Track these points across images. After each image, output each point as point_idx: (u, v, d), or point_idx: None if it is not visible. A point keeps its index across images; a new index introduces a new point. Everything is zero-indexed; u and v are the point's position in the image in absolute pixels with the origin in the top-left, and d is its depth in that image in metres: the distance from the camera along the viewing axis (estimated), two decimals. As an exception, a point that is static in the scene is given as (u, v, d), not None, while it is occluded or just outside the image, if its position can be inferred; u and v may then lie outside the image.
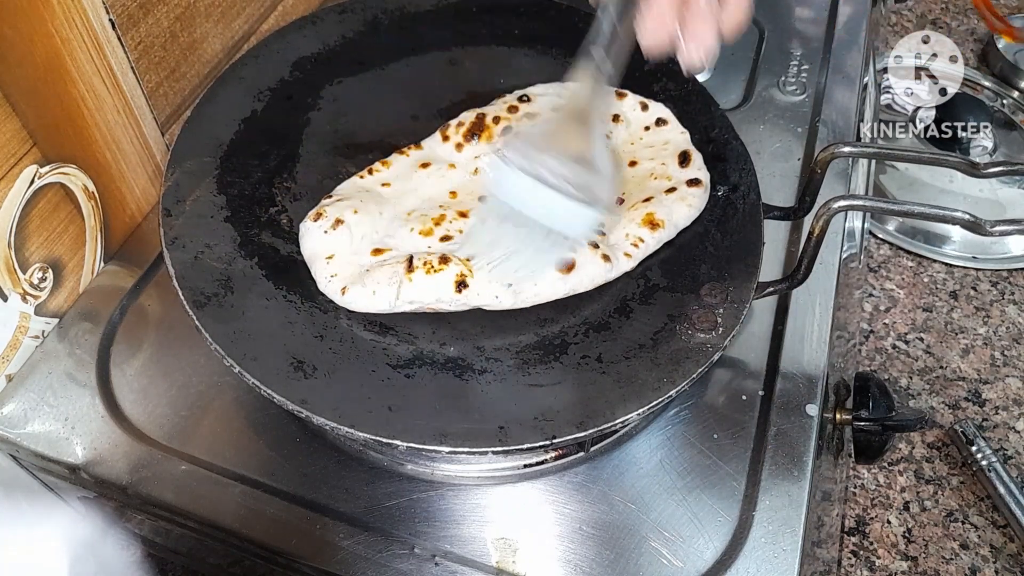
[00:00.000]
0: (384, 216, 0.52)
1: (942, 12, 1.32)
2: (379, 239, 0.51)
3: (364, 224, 0.51)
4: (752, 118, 0.72)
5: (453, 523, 0.49)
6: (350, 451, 0.51)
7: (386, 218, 0.52)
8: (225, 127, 0.56)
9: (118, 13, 0.55)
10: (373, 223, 0.51)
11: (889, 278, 0.98)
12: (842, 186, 0.67)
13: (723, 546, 0.48)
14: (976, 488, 0.81)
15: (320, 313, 0.48)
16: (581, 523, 0.49)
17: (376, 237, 0.51)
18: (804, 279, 0.50)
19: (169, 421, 0.52)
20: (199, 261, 0.49)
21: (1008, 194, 1.05)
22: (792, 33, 0.81)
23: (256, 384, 0.44)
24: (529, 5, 0.67)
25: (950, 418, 0.86)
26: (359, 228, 0.51)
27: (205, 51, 0.66)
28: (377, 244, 0.50)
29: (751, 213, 0.53)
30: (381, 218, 0.52)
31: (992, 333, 0.93)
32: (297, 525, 0.48)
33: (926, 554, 0.77)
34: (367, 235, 0.51)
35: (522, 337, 0.48)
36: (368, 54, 0.63)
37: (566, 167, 0.44)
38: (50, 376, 0.54)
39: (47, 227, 0.55)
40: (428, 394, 0.45)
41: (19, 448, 0.52)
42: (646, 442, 0.52)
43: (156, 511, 0.50)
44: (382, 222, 0.52)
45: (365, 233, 0.51)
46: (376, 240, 0.51)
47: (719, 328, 0.47)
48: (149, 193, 0.63)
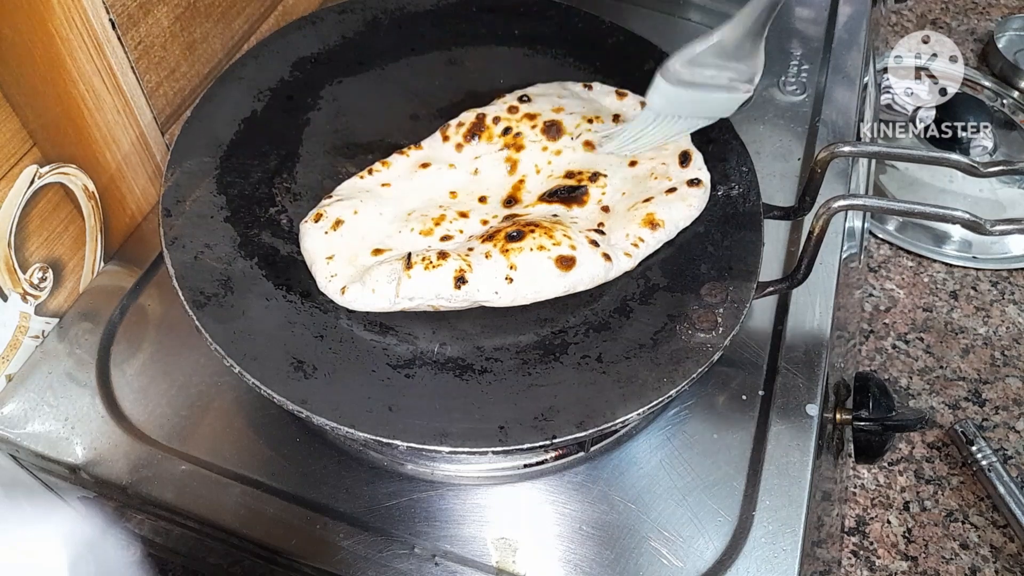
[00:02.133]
0: (384, 216, 0.52)
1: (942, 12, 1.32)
2: (379, 239, 0.51)
3: (364, 224, 0.51)
4: (752, 118, 0.72)
5: (453, 523, 0.49)
6: (350, 451, 0.51)
7: (386, 218, 0.52)
8: (225, 127, 0.56)
9: (118, 13, 0.55)
10: (373, 223, 0.51)
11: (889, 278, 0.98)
12: (842, 186, 0.67)
13: (723, 546, 0.48)
14: (976, 488, 0.81)
15: (320, 313, 0.48)
16: (581, 523, 0.49)
17: (376, 237, 0.51)
18: (804, 279, 0.50)
19: (169, 421, 0.52)
20: (199, 261, 0.49)
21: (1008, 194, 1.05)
22: (792, 33, 0.81)
23: (256, 384, 0.44)
24: (529, 5, 0.67)
25: (950, 418, 0.86)
26: (359, 228, 0.51)
27: (205, 51, 0.66)
28: (377, 244, 0.50)
29: (751, 213, 0.53)
30: (381, 218, 0.52)
31: (992, 333, 0.93)
32: (297, 525, 0.48)
33: (926, 554, 0.77)
34: (367, 235, 0.51)
35: (522, 337, 0.48)
36: (368, 54, 0.63)
37: (720, 67, 0.52)
38: (50, 376, 0.54)
39: (47, 227, 0.55)
40: (428, 394, 0.45)
41: (19, 448, 0.52)
42: (646, 442, 0.52)
43: (156, 511, 0.50)
44: (382, 222, 0.52)
45: (365, 233, 0.51)
46: (376, 240, 0.51)
47: (719, 328, 0.47)
48: (149, 193, 0.63)
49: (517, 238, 0.48)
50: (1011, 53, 1.19)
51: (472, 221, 0.52)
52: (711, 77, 0.52)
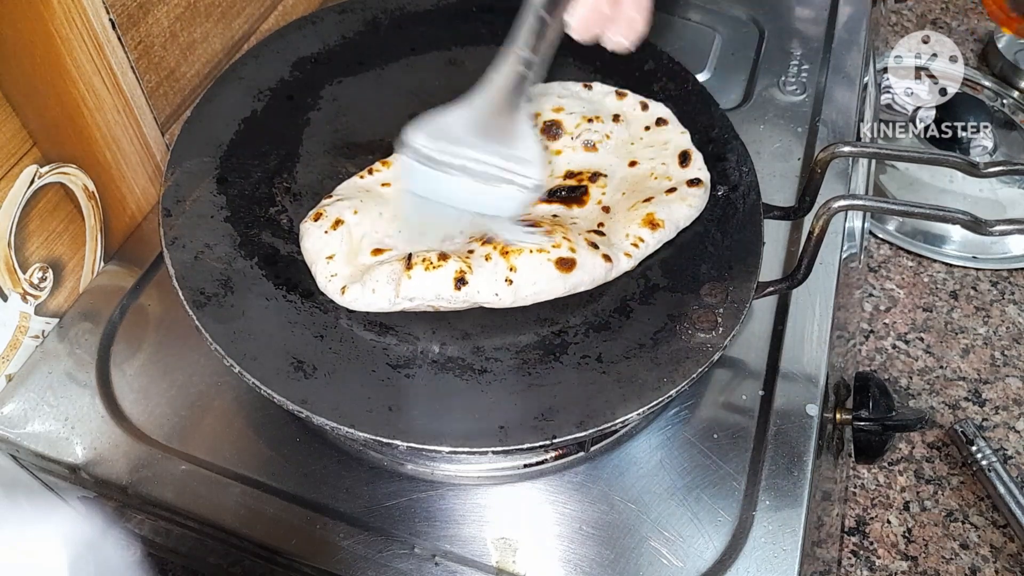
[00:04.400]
0: (384, 216, 0.52)
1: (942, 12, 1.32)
2: (379, 239, 0.51)
3: (364, 224, 0.51)
4: (752, 118, 0.72)
5: (453, 523, 0.49)
6: (350, 451, 0.51)
7: (386, 218, 0.52)
8: (225, 127, 0.56)
9: (118, 13, 0.55)
10: (373, 223, 0.51)
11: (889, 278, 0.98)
12: (842, 186, 0.67)
13: (723, 546, 0.48)
14: (976, 488, 0.81)
15: (320, 313, 0.48)
16: (581, 523, 0.49)
17: (376, 237, 0.51)
18: (804, 279, 0.50)
19: (169, 421, 0.52)
20: (199, 261, 0.49)
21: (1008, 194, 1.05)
22: (792, 33, 0.81)
23: (256, 384, 0.44)
24: (529, 5, 0.67)
25: (950, 418, 0.86)
26: (359, 228, 0.51)
27: (205, 51, 0.66)
28: (377, 244, 0.50)
29: (751, 213, 0.53)
30: (381, 218, 0.52)
31: (992, 333, 0.93)
32: (297, 525, 0.48)
33: (926, 554, 0.77)
34: (367, 235, 0.51)
35: (522, 337, 0.48)
36: (368, 54, 0.63)
37: (487, 152, 0.45)
38: (50, 376, 0.54)
39: (47, 227, 0.55)
40: (428, 394, 0.45)
41: (19, 448, 0.52)
42: (646, 442, 0.52)
43: (156, 511, 0.50)
44: (382, 222, 0.52)
45: (365, 233, 0.51)
46: (376, 240, 0.51)
47: (719, 328, 0.47)
48: (149, 193, 0.63)
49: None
50: (1011, 53, 1.19)
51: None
52: (474, 162, 0.45)
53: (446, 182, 0.45)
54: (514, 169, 0.46)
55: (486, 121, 0.46)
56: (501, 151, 0.46)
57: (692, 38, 0.82)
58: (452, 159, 0.45)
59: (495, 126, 0.46)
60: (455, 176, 0.45)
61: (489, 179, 0.45)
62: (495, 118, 0.46)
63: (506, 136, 0.46)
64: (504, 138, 0.46)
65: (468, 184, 0.45)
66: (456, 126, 0.46)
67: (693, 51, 0.79)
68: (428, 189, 0.46)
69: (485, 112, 0.46)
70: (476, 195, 0.46)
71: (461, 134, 0.45)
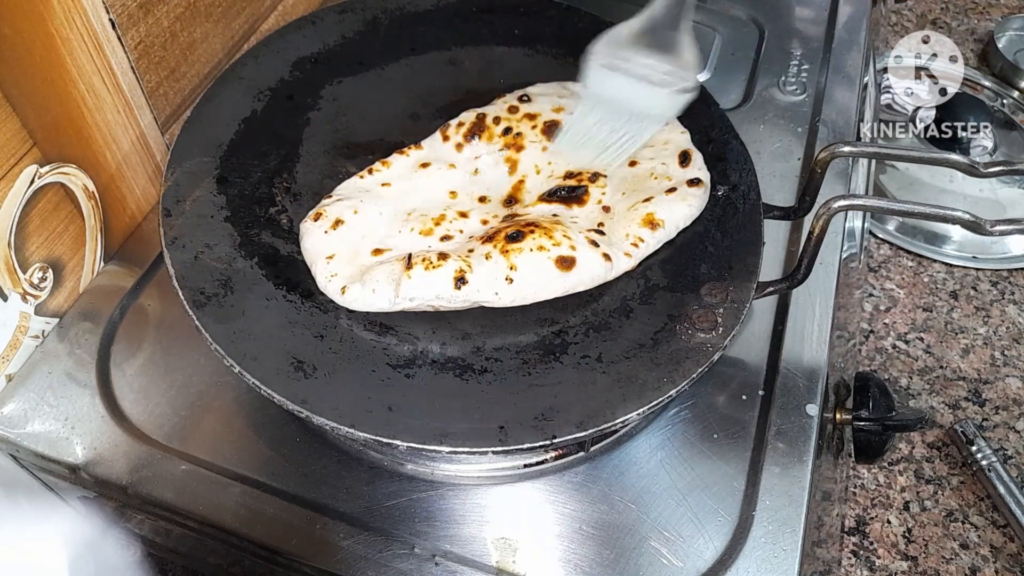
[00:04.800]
0: (384, 216, 0.52)
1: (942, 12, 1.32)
2: (379, 239, 0.51)
3: (364, 224, 0.51)
4: (752, 118, 0.72)
5: (453, 523, 0.49)
6: (350, 451, 0.51)
7: (386, 218, 0.52)
8: (225, 127, 0.56)
9: (118, 13, 0.55)
10: (373, 223, 0.51)
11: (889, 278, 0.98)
12: (842, 186, 0.67)
13: (723, 546, 0.48)
14: (976, 488, 0.81)
15: (320, 313, 0.48)
16: (581, 523, 0.49)
17: (376, 237, 0.51)
18: (804, 279, 0.50)
19: (169, 421, 0.52)
20: (199, 261, 0.49)
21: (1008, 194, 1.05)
22: (792, 33, 0.81)
23: (256, 384, 0.44)
24: (529, 5, 0.67)
25: (950, 418, 0.86)
26: (359, 228, 0.51)
27: (205, 51, 0.66)
28: (377, 244, 0.50)
29: (751, 213, 0.53)
30: (381, 218, 0.52)
31: (992, 333, 0.93)
32: (297, 525, 0.48)
33: (926, 554, 0.77)
34: (367, 235, 0.51)
35: (522, 337, 0.48)
36: (368, 54, 0.63)
37: (653, 58, 0.54)
38: (50, 376, 0.54)
39: (47, 227, 0.55)
40: (428, 394, 0.45)
41: (19, 448, 0.52)
42: (646, 442, 0.52)
43: (156, 511, 0.50)
44: (382, 222, 0.52)
45: (365, 233, 0.51)
46: (376, 240, 0.51)
47: (719, 328, 0.47)
48: (149, 193, 0.63)
49: (517, 239, 0.48)
50: (1011, 53, 1.19)
51: (472, 221, 0.52)
52: (644, 68, 0.54)
53: (626, 84, 0.54)
54: (676, 73, 0.54)
55: (653, 32, 0.54)
56: (666, 57, 0.54)
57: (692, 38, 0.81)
58: (629, 65, 0.54)
59: (661, 37, 0.54)
60: (631, 80, 0.54)
61: (655, 82, 0.54)
62: (661, 30, 0.54)
63: (669, 44, 0.54)
64: (668, 46, 0.54)
65: (640, 88, 0.54)
66: (630, 38, 0.55)
67: (693, 51, 0.79)
68: (612, 88, 0.55)
69: (652, 25, 0.54)
70: (645, 96, 0.54)
71: (635, 44, 0.54)
